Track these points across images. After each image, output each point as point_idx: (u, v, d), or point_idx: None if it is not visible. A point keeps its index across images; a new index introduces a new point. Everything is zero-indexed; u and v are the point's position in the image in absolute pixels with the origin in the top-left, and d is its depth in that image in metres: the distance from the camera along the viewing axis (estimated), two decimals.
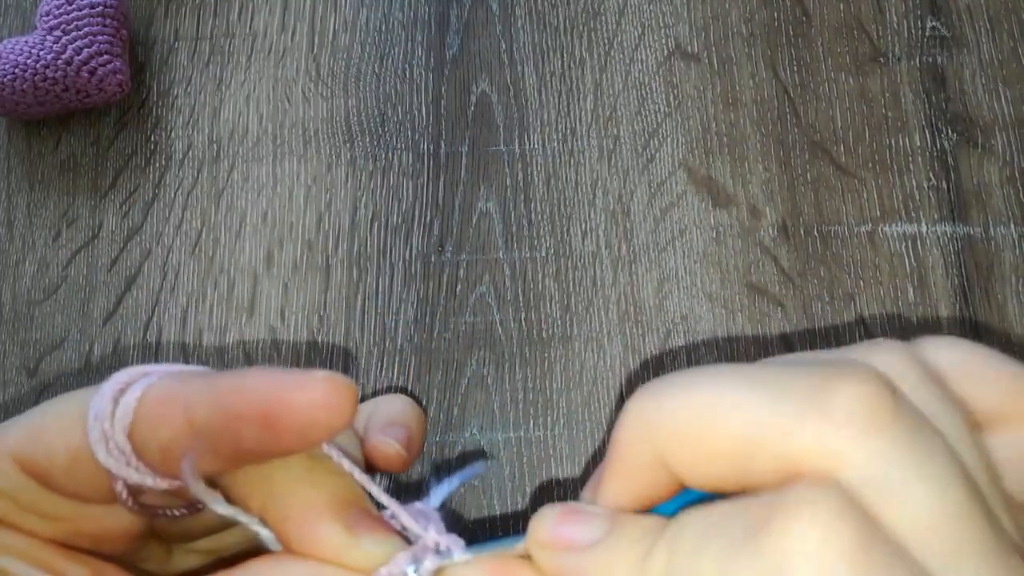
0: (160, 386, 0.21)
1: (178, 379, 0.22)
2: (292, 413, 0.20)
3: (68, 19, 0.51)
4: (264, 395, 0.20)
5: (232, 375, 0.21)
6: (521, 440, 0.46)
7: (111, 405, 0.21)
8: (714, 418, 0.17)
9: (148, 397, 0.21)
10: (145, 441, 0.21)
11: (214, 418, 0.20)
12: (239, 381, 0.20)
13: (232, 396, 0.20)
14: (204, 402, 0.20)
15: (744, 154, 0.51)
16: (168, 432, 0.21)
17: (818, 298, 0.48)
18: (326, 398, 0.20)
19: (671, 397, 0.18)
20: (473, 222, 0.50)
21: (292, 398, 0.20)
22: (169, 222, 0.51)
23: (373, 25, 0.54)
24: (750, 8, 0.54)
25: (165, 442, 0.21)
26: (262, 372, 0.21)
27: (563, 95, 0.52)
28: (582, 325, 0.48)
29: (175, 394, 0.21)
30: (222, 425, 0.20)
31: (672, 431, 0.18)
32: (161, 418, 0.21)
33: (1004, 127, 0.51)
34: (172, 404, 0.21)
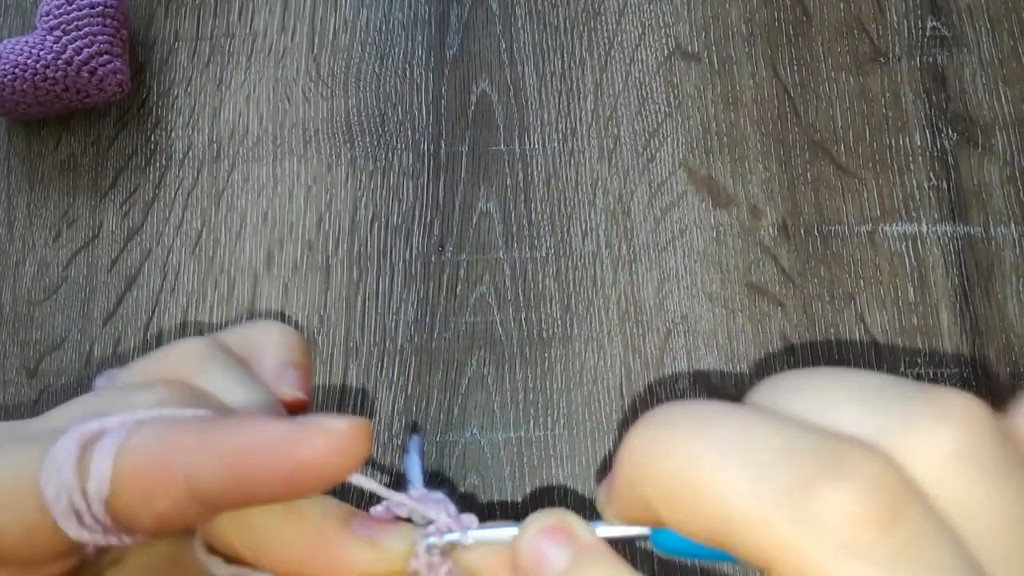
0: (140, 448, 0.19)
1: (163, 438, 0.19)
2: (313, 470, 0.19)
3: (68, 19, 0.51)
4: (278, 457, 0.18)
5: (231, 431, 0.19)
6: (521, 440, 0.46)
7: (74, 474, 0.18)
8: (691, 488, 0.16)
9: (128, 464, 0.19)
10: (133, 511, 0.19)
11: (227, 484, 0.19)
12: (248, 442, 0.19)
13: (242, 461, 0.18)
14: (209, 469, 0.18)
15: (744, 154, 0.51)
16: (166, 503, 0.19)
17: (818, 298, 0.48)
18: (346, 448, 0.19)
19: (658, 450, 0.16)
20: (473, 222, 0.50)
21: (308, 456, 0.18)
22: (169, 222, 0.51)
23: (373, 25, 0.54)
24: (750, 8, 0.54)
25: (162, 512, 0.19)
26: (266, 426, 0.19)
27: (563, 95, 0.52)
28: (582, 325, 0.48)
29: (167, 460, 0.19)
30: (234, 489, 0.19)
31: (655, 487, 0.16)
32: (155, 488, 0.19)
33: (1004, 127, 0.51)
34: (166, 471, 0.19)
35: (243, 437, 0.19)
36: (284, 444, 0.19)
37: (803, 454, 0.15)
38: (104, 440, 0.19)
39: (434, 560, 0.21)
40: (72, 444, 0.19)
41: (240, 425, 0.19)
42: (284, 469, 0.18)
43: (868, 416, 0.16)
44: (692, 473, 0.16)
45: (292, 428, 0.19)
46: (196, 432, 0.19)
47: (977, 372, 0.46)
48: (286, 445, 0.19)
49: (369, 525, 0.21)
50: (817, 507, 0.14)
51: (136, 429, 0.19)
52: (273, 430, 0.19)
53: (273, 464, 0.18)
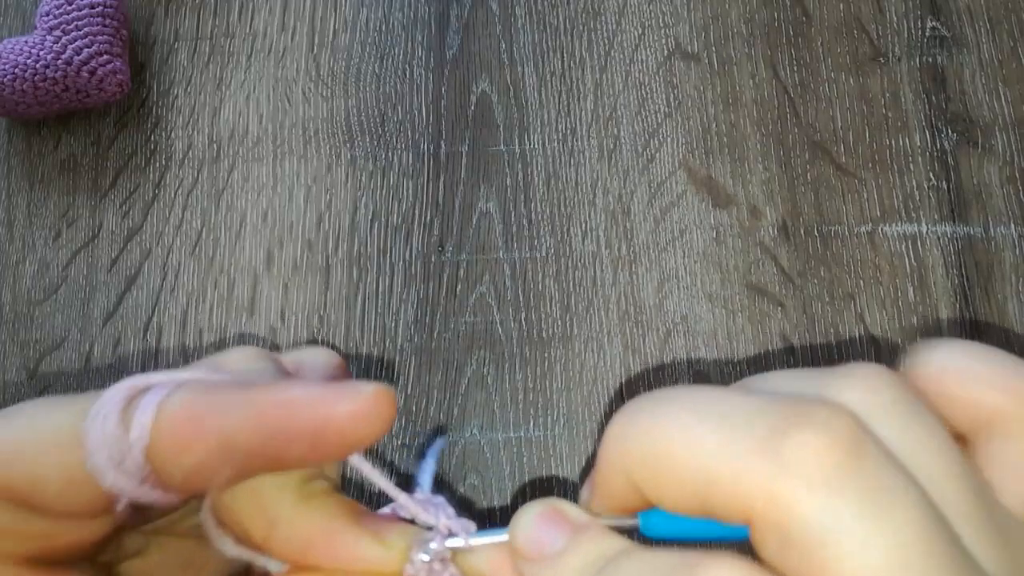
0: (180, 403, 0.20)
1: (202, 394, 0.20)
2: (340, 430, 0.19)
3: (68, 19, 0.51)
4: (308, 414, 0.19)
5: (266, 389, 0.20)
6: (521, 440, 0.46)
7: (118, 422, 0.19)
8: (671, 453, 0.17)
9: (168, 416, 0.19)
10: (167, 463, 0.20)
11: (256, 440, 0.19)
12: (282, 398, 0.19)
13: (278, 417, 0.19)
14: (246, 423, 0.19)
15: (744, 154, 0.51)
16: (199, 455, 0.19)
17: (818, 298, 0.48)
18: (371, 410, 0.19)
19: (637, 426, 0.18)
20: (473, 222, 0.50)
21: (337, 415, 0.19)
22: (169, 222, 0.51)
23: (373, 25, 0.54)
24: (750, 8, 0.54)
25: (195, 465, 0.19)
26: (302, 386, 0.20)
27: (563, 95, 0.52)
28: (582, 325, 0.48)
29: (204, 413, 0.19)
30: (263, 446, 0.19)
31: (638, 460, 0.18)
32: (191, 440, 0.19)
33: (1004, 127, 0.51)
34: (203, 425, 0.19)
35: (276, 395, 0.20)
36: (314, 403, 0.19)
37: (773, 412, 0.16)
38: (148, 394, 0.20)
39: (435, 567, 0.21)
40: (119, 395, 0.20)
41: (274, 385, 0.20)
42: (313, 426, 0.19)
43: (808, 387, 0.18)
44: (671, 441, 0.17)
45: (323, 389, 0.20)
46: (233, 390, 0.20)
47: None
48: (316, 404, 0.19)
49: (375, 521, 0.22)
50: (789, 452, 0.16)
51: (179, 386, 0.20)
52: (305, 390, 0.20)
53: (303, 421, 0.19)
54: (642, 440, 0.17)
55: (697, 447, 0.16)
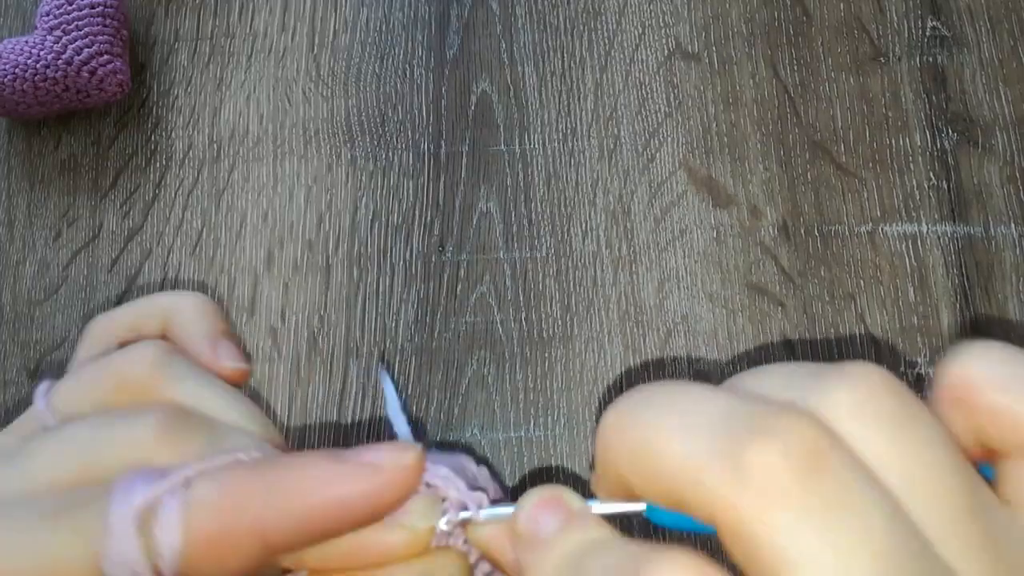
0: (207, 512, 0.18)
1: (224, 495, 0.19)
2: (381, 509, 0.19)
3: (68, 19, 0.51)
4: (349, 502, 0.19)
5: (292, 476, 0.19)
6: (521, 440, 0.46)
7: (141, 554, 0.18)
8: (648, 453, 0.17)
9: (197, 531, 0.18)
10: (205, 570, 0.18)
11: (295, 536, 0.19)
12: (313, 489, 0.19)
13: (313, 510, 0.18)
14: (281, 523, 0.18)
15: (744, 154, 0.51)
16: (240, 561, 0.18)
17: (818, 298, 0.48)
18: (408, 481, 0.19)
19: (623, 422, 0.18)
20: (473, 222, 0.50)
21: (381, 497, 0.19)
22: (169, 222, 0.51)
23: (373, 25, 0.54)
24: (750, 8, 0.54)
25: (236, 569, 0.19)
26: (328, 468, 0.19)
27: (563, 95, 0.52)
28: (582, 325, 0.48)
29: (236, 520, 0.18)
30: (303, 538, 0.19)
31: (623, 456, 0.18)
32: (228, 549, 0.18)
33: (1004, 127, 0.51)
34: (237, 531, 0.18)
35: (310, 484, 0.19)
36: (354, 486, 0.19)
37: (739, 419, 0.16)
38: (164, 511, 0.18)
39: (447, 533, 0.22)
40: (130, 521, 0.18)
41: (303, 470, 0.19)
42: (356, 511, 0.19)
43: (793, 386, 0.17)
44: (648, 443, 0.17)
45: (358, 467, 0.19)
46: (258, 483, 0.19)
47: None
48: (357, 487, 0.19)
49: None
50: (747, 463, 0.15)
51: (193, 488, 0.19)
52: (338, 471, 0.19)
53: (344, 508, 0.19)
54: (625, 437, 0.18)
55: (668, 452, 0.17)
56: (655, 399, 0.18)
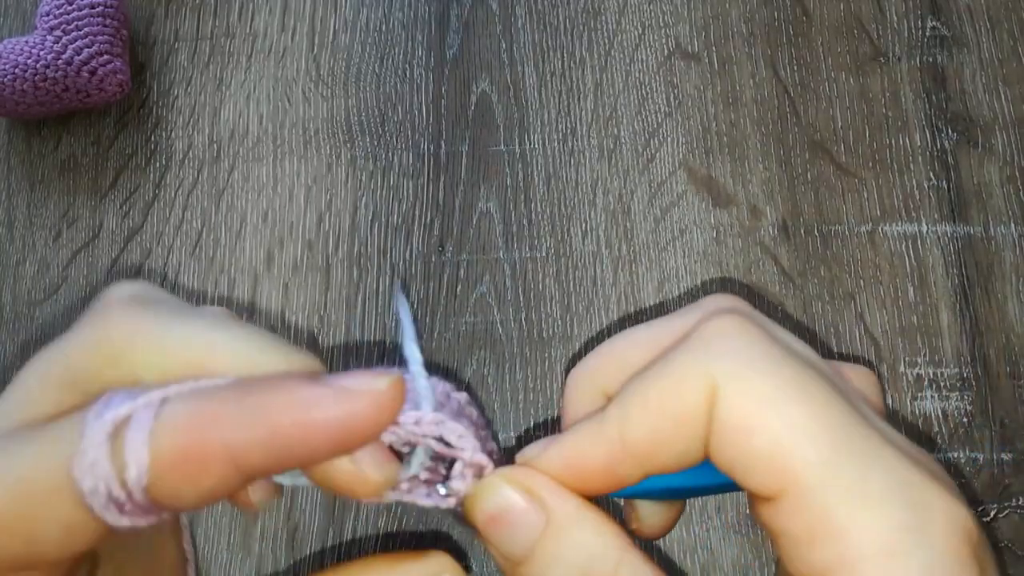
0: (176, 428, 0.18)
1: (195, 412, 0.18)
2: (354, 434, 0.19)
3: (68, 19, 0.51)
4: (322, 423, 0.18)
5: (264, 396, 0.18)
6: (521, 440, 0.46)
7: (110, 464, 0.17)
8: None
9: (166, 447, 0.18)
10: (176, 492, 0.18)
11: (266, 456, 0.18)
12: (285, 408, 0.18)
13: (284, 430, 0.18)
14: (251, 442, 0.18)
15: (744, 154, 0.51)
16: (210, 480, 0.18)
17: (818, 298, 0.48)
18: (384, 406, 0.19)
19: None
20: (473, 222, 0.50)
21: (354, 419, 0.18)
22: (169, 222, 0.51)
23: (373, 25, 0.54)
24: (750, 8, 0.54)
25: (206, 490, 0.18)
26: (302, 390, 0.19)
27: (563, 95, 0.52)
28: (582, 325, 0.48)
29: (206, 437, 0.18)
30: (274, 460, 0.18)
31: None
32: (197, 468, 0.18)
33: (1004, 127, 0.51)
34: (206, 450, 0.18)
35: (282, 405, 0.18)
36: (327, 409, 0.18)
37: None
38: (134, 424, 0.18)
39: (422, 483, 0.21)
40: (102, 433, 0.18)
41: (275, 391, 0.19)
42: (329, 435, 0.18)
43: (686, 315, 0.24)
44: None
45: (332, 390, 0.19)
46: (231, 403, 0.18)
47: (977, 372, 0.46)
48: (329, 410, 0.18)
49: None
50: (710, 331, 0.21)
51: (165, 406, 0.18)
52: (311, 394, 0.19)
53: (317, 431, 0.18)
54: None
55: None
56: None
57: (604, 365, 0.24)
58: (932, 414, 0.46)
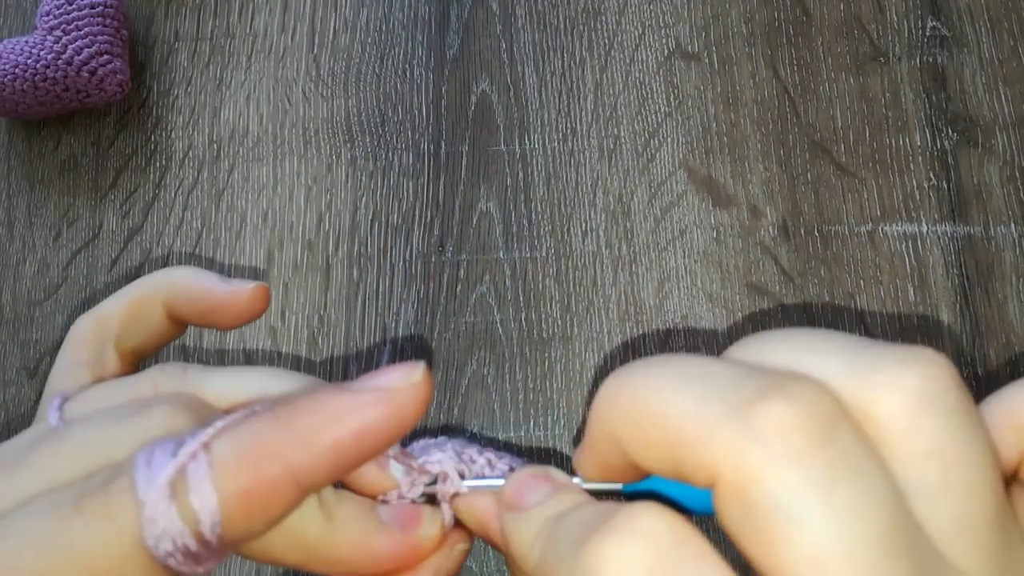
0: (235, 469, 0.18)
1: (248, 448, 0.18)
2: (398, 429, 0.19)
3: (68, 19, 0.51)
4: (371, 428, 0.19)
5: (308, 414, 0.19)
6: (521, 440, 0.46)
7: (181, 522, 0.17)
8: (648, 413, 0.17)
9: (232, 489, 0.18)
10: (250, 527, 0.18)
11: (327, 471, 0.19)
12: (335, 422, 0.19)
13: (339, 443, 0.19)
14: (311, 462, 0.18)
15: (744, 154, 0.51)
16: (280, 507, 0.19)
17: (818, 298, 0.48)
18: (420, 398, 0.20)
19: (623, 388, 0.18)
20: (473, 222, 0.50)
21: (398, 418, 0.19)
22: (169, 222, 0.51)
23: (373, 25, 0.54)
24: (750, 8, 0.54)
25: (278, 516, 0.19)
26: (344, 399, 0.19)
27: (563, 95, 0.52)
28: (582, 325, 0.48)
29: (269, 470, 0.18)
30: (334, 472, 0.19)
31: (621, 420, 0.18)
32: (268, 500, 0.18)
33: (1004, 127, 0.51)
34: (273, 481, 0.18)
35: (333, 419, 0.19)
36: (378, 412, 0.19)
37: (750, 381, 0.16)
38: (192, 476, 0.18)
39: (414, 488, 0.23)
40: (164, 499, 0.17)
41: (318, 406, 0.19)
42: (379, 438, 0.19)
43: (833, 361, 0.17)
44: (650, 402, 0.17)
45: (375, 393, 0.19)
46: (280, 428, 0.19)
47: (977, 372, 0.46)
48: (381, 412, 0.19)
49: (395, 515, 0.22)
50: (756, 421, 0.15)
51: (215, 449, 0.18)
52: (358, 401, 0.19)
53: (371, 435, 0.19)
54: (625, 401, 0.18)
55: (672, 409, 0.17)
56: (659, 364, 0.18)
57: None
58: None
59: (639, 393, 0.17)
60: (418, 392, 0.20)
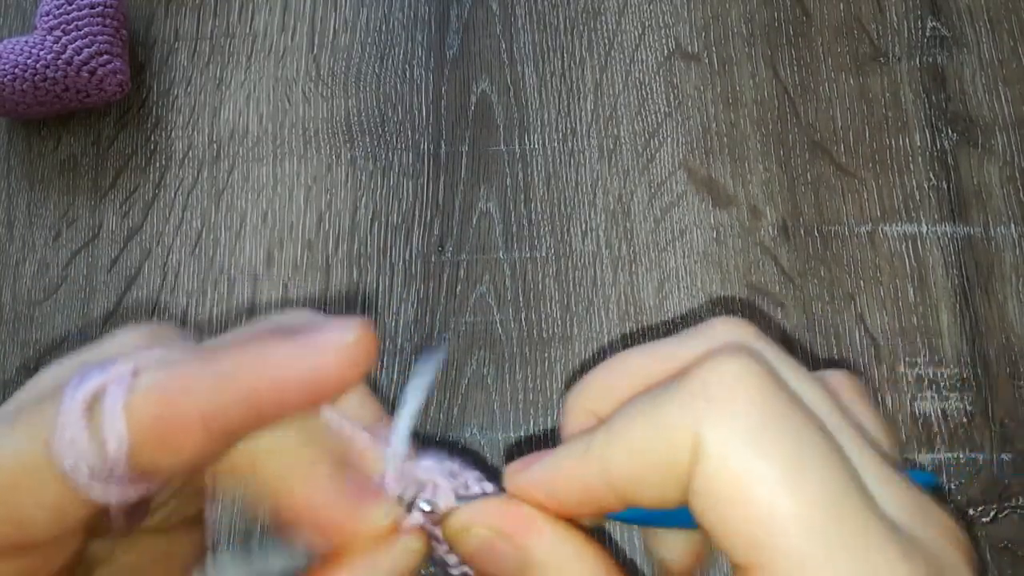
0: (149, 398, 0.18)
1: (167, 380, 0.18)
2: (326, 387, 0.19)
3: (68, 19, 0.51)
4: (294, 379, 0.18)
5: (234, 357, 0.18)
6: (521, 440, 0.46)
7: (88, 440, 0.17)
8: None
9: (141, 417, 0.18)
10: (153, 463, 0.18)
11: (241, 417, 0.18)
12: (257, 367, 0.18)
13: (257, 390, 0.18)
14: (225, 404, 0.18)
15: (744, 154, 0.51)
16: (188, 447, 0.18)
17: (818, 298, 0.48)
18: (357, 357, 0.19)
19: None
20: (473, 222, 0.50)
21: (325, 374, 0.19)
22: (169, 222, 0.51)
23: (373, 25, 0.54)
24: (750, 8, 0.54)
25: (185, 459, 0.18)
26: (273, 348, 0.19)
27: (563, 95, 0.52)
28: (582, 325, 0.48)
29: (180, 404, 0.18)
30: (250, 420, 0.18)
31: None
32: (174, 435, 0.18)
33: (1004, 127, 0.51)
34: (184, 418, 0.18)
35: (252, 366, 0.18)
36: (298, 367, 0.19)
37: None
38: (109, 397, 0.18)
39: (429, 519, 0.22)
40: (77, 409, 0.18)
41: (243, 353, 0.19)
42: (301, 392, 0.19)
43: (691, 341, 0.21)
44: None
45: (300, 347, 0.19)
46: (202, 370, 0.18)
47: (977, 372, 0.46)
48: (301, 367, 0.19)
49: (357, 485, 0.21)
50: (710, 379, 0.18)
51: (138, 377, 0.18)
52: (281, 352, 0.19)
53: (289, 389, 0.18)
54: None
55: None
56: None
57: (600, 388, 0.22)
58: (932, 414, 0.46)
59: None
60: (349, 352, 0.19)
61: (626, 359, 0.22)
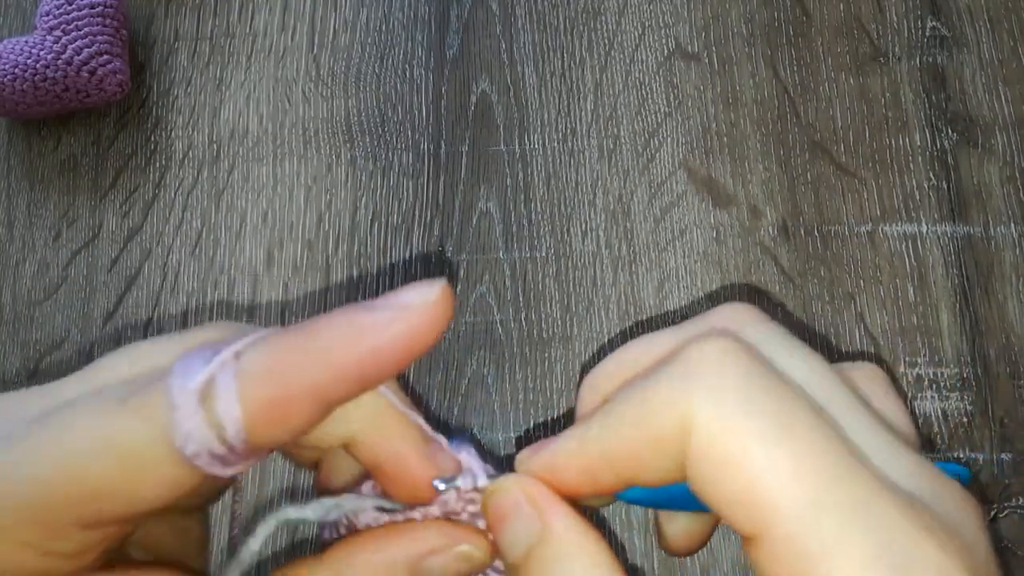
0: (259, 381, 0.19)
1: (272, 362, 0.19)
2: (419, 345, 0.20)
3: (68, 19, 0.51)
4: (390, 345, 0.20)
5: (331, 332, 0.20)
6: (521, 440, 0.46)
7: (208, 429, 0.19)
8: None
9: (255, 400, 0.19)
10: (270, 437, 0.20)
11: (346, 387, 0.20)
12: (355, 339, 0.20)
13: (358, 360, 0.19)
14: (331, 377, 0.19)
15: (744, 154, 0.51)
16: (300, 420, 0.20)
17: (818, 298, 0.48)
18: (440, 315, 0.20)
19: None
20: (473, 222, 0.50)
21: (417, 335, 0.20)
22: (169, 222, 0.51)
23: (373, 25, 0.54)
24: (750, 8, 0.54)
25: (297, 429, 0.20)
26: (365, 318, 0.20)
27: (563, 95, 0.52)
28: (582, 325, 0.48)
29: (289, 383, 0.19)
30: (353, 388, 0.20)
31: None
32: (287, 412, 0.19)
33: (1004, 127, 0.51)
34: (293, 394, 0.19)
35: (352, 337, 0.20)
36: (394, 330, 0.20)
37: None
38: (220, 385, 0.19)
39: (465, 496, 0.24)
40: (192, 403, 0.19)
41: (339, 325, 0.20)
42: (397, 353, 0.20)
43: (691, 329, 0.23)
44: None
45: (393, 311, 0.20)
46: (304, 344, 0.20)
47: (977, 372, 0.46)
48: (397, 330, 0.20)
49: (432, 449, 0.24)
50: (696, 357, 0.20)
51: (242, 362, 0.19)
52: (377, 320, 0.20)
53: (387, 352, 0.20)
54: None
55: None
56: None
57: (610, 376, 0.24)
58: (932, 414, 0.46)
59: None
60: (435, 310, 0.20)
61: (636, 346, 0.24)
